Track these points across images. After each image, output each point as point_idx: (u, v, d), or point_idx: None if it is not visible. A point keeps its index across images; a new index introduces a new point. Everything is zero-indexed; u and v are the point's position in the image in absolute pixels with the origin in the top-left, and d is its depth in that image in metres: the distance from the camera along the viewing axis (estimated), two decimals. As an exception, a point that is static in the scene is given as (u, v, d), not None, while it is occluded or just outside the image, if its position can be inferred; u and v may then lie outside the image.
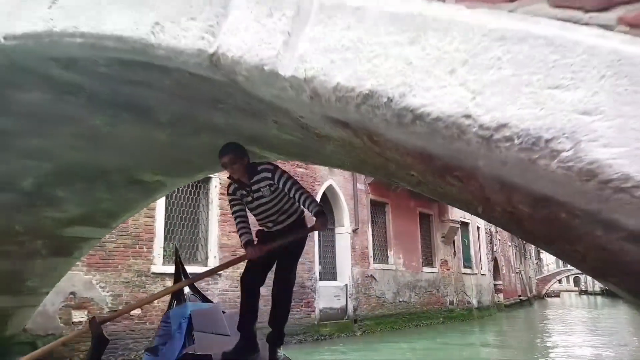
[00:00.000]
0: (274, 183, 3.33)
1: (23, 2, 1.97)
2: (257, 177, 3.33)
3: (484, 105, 0.95)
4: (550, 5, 0.97)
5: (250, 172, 3.32)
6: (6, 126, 3.31)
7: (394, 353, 9.46)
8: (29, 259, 5.45)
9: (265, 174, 3.33)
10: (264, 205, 3.41)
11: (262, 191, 3.36)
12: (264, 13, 1.29)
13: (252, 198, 3.39)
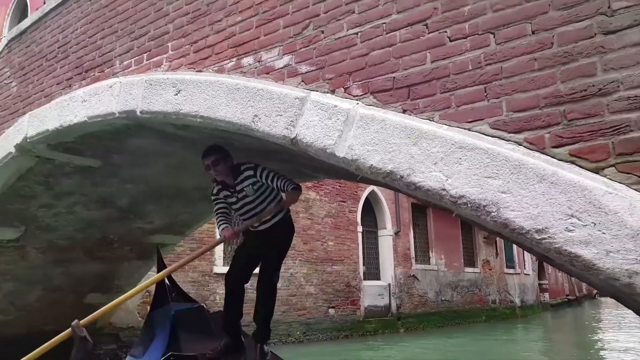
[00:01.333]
0: (257, 180, 3.32)
1: (155, 89, 2.85)
2: (240, 177, 3.34)
3: (452, 184, 1.71)
4: (489, 127, 1.71)
5: (235, 173, 3.34)
6: (117, 161, 4.26)
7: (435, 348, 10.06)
8: (119, 262, 6.50)
9: (247, 172, 3.32)
10: (248, 205, 3.42)
11: (246, 190, 3.36)
12: (326, 117, 2.09)
13: (237, 198, 3.41)
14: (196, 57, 2.76)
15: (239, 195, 3.39)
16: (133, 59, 3.13)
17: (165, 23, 2.97)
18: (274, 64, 2.39)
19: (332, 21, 2.21)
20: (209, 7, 2.75)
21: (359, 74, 2.08)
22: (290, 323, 10.13)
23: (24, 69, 4.11)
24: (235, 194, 3.40)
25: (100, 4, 3.48)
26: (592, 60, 1.55)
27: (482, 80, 1.75)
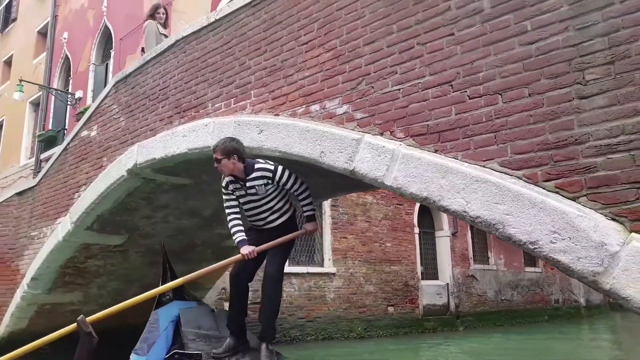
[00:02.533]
0: (272, 183, 3.36)
1: (242, 129, 3.60)
2: (254, 175, 3.36)
3: (471, 208, 2.31)
4: (498, 165, 2.30)
5: (248, 169, 3.36)
6: (205, 179, 5.08)
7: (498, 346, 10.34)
8: (200, 263, 7.38)
9: (264, 173, 3.34)
10: (254, 202, 3.45)
11: (257, 188, 3.38)
12: (376, 154, 2.74)
13: (245, 193, 3.43)
14: (274, 103, 3.49)
15: (248, 191, 3.41)
16: (222, 102, 3.91)
17: (248, 75, 3.73)
18: (335, 111, 3.06)
19: (379, 79, 2.85)
20: (283, 64, 3.47)
21: (401, 121, 2.71)
22: (351, 320, 10.79)
23: (130, 107, 5.02)
24: (244, 189, 3.41)
25: (194, 56, 4.29)
26: (570, 118, 2.11)
27: (492, 129, 2.35)
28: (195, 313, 3.98)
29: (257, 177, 3.35)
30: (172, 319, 3.81)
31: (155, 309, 4.08)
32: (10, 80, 16.25)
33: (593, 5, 2.09)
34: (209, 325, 3.87)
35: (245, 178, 3.37)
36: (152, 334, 3.71)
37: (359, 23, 3.02)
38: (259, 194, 3.41)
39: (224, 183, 3.51)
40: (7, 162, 15.32)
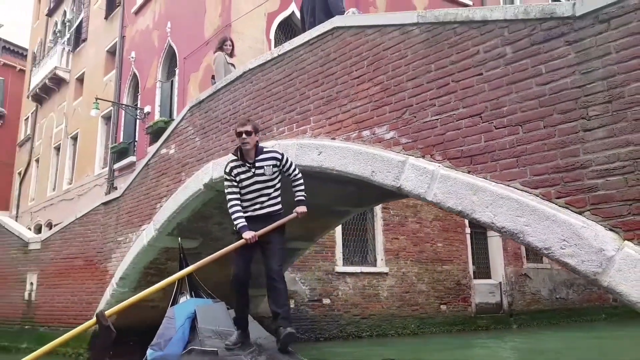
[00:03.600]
0: (278, 166, 3.63)
1: (304, 150, 4.22)
2: (263, 157, 3.61)
3: (497, 220, 2.81)
4: (520, 184, 2.78)
5: (258, 151, 3.61)
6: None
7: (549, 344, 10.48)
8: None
9: (274, 154, 3.64)
10: (260, 184, 3.60)
11: (265, 169, 3.59)
12: (419, 174, 3.28)
13: (253, 174, 3.59)
14: (330, 128, 4.09)
15: (256, 172, 3.59)
16: (286, 127, 4.55)
17: (307, 103, 4.35)
18: (383, 136, 3.63)
19: (420, 110, 3.39)
20: (338, 95, 4.06)
21: (439, 146, 3.24)
22: (405, 317, 11.25)
23: (204, 129, 5.77)
24: (253, 170, 3.59)
25: (259, 86, 4.96)
26: (577, 147, 2.58)
27: (514, 155, 2.84)
28: (211, 310, 4.02)
29: (267, 159, 3.60)
30: (188, 315, 3.85)
31: (171, 306, 4.24)
32: (83, 96, 17.74)
33: (594, 54, 2.56)
34: (225, 323, 3.89)
35: (254, 158, 3.59)
36: (169, 330, 3.78)
37: (403, 62, 3.56)
38: (266, 174, 3.59)
39: (228, 169, 3.66)
40: (83, 172, 16.76)
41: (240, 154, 3.64)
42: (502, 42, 2.97)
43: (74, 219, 8.79)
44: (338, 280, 10.76)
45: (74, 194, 16.79)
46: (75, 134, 17.88)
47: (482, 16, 3.08)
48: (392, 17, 3.81)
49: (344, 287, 10.76)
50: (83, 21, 18.52)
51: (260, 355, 3.44)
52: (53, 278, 8.76)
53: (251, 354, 3.44)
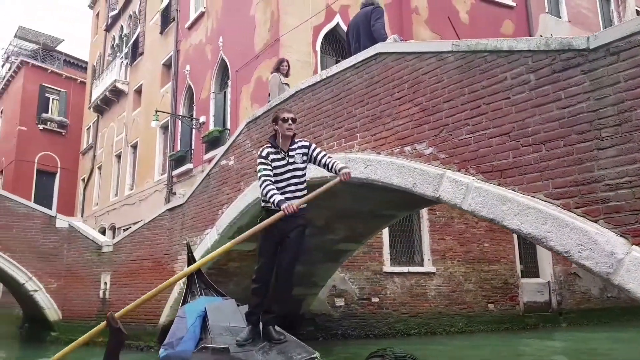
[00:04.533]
0: (307, 154, 3.82)
1: (351, 163, 4.72)
2: (295, 146, 3.83)
3: (524, 227, 3.21)
4: (543, 196, 3.17)
5: (292, 140, 3.85)
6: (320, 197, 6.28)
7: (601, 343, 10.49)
8: (314, 264, 8.69)
9: (303, 142, 3.89)
10: (293, 172, 3.79)
11: (296, 157, 3.80)
12: (455, 186, 3.72)
13: (287, 162, 3.78)
14: (375, 144, 4.57)
15: (289, 160, 3.79)
16: (335, 142, 5.07)
17: (354, 121, 4.85)
18: (423, 152, 4.08)
19: (456, 129, 3.83)
20: (381, 114, 4.54)
21: (473, 161, 3.67)
22: (452, 316, 11.53)
23: (261, 142, 6.36)
24: (287, 158, 3.78)
25: (310, 105, 5.51)
26: (592, 163, 2.96)
27: (538, 169, 3.24)
28: (222, 308, 4.04)
29: (298, 147, 3.83)
30: (199, 314, 3.88)
31: (182, 305, 4.27)
32: (141, 107, 18.92)
33: (606, 82, 2.93)
34: (235, 319, 3.90)
35: (288, 148, 3.81)
36: (180, 329, 3.79)
37: (439, 85, 4.01)
38: (297, 162, 3.79)
39: (265, 153, 3.80)
40: (143, 178, 17.89)
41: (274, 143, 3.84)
42: (527, 70, 3.37)
43: (142, 224, 9.65)
44: (386, 280, 11.17)
45: (135, 199, 17.96)
46: (135, 143, 19.07)
47: (509, 46, 3.48)
48: (429, 45, 4.26)
49: (392, 287, 11.17)
50: (139, 36, 19.72)
51: (271, 350, 3.43)
52: (124, 278, 9.64)
53: (262, 349, 3.44)
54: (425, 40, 12.73)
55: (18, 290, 11.11)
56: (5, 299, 22.22)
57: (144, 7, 19.61)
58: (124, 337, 3.06)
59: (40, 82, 27.93)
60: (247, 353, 3.38)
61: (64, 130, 28.21)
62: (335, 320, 10.35)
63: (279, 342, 3.53)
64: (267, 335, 3.60)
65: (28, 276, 10.27)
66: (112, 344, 3.05)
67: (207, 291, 4.60)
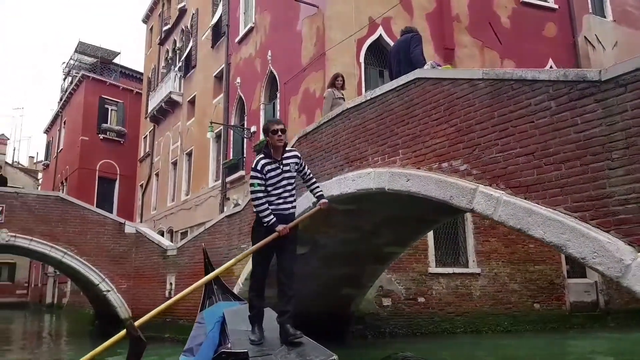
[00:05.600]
0: (298, 164, 4.08)
1: (394, 177, 5.27)
2: (288, 155, 3.99)
3: (547, 236, 3.66)
4: (563, 209, 3.62)
5: (283, 149, 3.98)
6: (365, 205, 6.85)
7: None
8: (362, 266, 9.26)
9: (295, 152, 4.09)
10: (287, 179, 3.93)
11: (290, 166, 3.96)
12: (487, 199, 4.20)
13: (281, 170, 3.90)
14: (416, 160, 5.10)
15: (284, 168, 3.94)
16: (379, 157, 5.63)
17: (396, 139, 5.40)
18: (458, 168, 4.59)
19: (487, 148, 4.32)
20: (421, 133, 5.07)
21: (502, 177, 4.15)
22: (498, 315, 11.81)
23: (310, 156, 7.00)
24: (281, 167, 3.92)
25: (356, 123, 6.09)
26: (604, 181, 3.40)
27: (559, 186, 3.70)
28: (240, 313, 4.05)
29: (291, 157, 4.00)
30: (217, 319, 3.94)
31: (200, 311, 4.34)
32: (195, 117, 20.03)
33: (616, 110, 3.37)
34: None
35: (281, 157, 3.92)
36: (199, 335, 3.85)
37: (472, 109, 4.50)
38: (291, 171, 3.94)
39: (259, 166, 3.86)
40: (198, 185, 18.97)
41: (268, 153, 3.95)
42: (548, 98, 3.83)
43: (203, 229, 10.50)
44: (432, 281, 11.60)
45: (191, 204, 19.06)
46: (189, 151, 20.21)
47: (532, 76, 3.95)
48: (462, 72, 4.76)
49: (438, 287, 11.59)
50: (192, 50, 20.85)
51: (289, 354, 3.44)
52: (187, 279, 10.52)
53: (280, 353, 3.46)
54: (467, 46, 13.08)
55: (92, 290, 12.27)
56: (73, 299, 23.99)
57: (195, 21, 20.73)
58: (143, 346, 2.97)
59: (100, 94, 29.84)
60: (266, 357, 3.36)
61: (122, 139, 30.00)
62: (383, 319, 10.88)
63: (296, 338, 3.56)
64: (285, 334, 3.65)
65: (101, 277, 11.37)
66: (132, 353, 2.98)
67: (225, 296, 4.65)
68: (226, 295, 4.75)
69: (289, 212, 3.98)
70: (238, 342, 3.56)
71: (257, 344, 3.60)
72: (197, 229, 17.07)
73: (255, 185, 3.82)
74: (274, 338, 3.66)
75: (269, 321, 3.82)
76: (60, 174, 31.57)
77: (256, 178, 3.83)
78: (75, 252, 11.19)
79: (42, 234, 11.13)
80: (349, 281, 9.55)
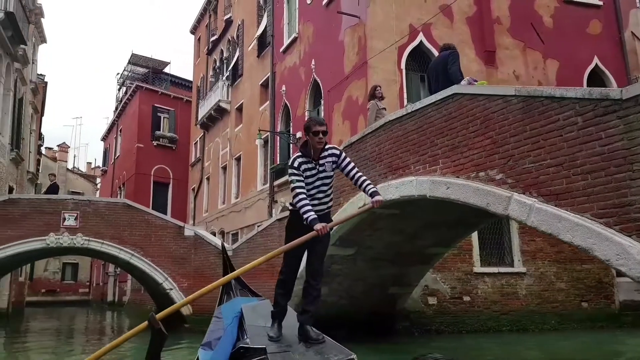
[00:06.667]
0: (337, 162, 3.74)
1: (435, 185, 5.70)
2: (325, 154, 3.72)
3: (575, 239, 4.03)
4: (590, 215, 3.97)
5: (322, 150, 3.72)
6: (408, 210, 7.29)
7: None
8: (407, 266, 9.69)
9: (333, 151, 3.75)
10: (322, 179, 3.72)
11: (326, 165, 3.71)
12: (521, 206, 4.59)
13: (317, 171, 3.70)
14: (455, 169, 5.53)
15: (320, 168, 3.72)
16: (420, 166, 6.08)
17: (436, 149, 5.83)
18: (494, 177, 4.99)
19: (520, 159, 4.70)
20: (459, 144, 5.49)
21: (535, 186, 4.54)
22: (544, 313, 11.93)
23: (358, 165, 7.50)
24: (317, 167, 3.71)
25: (398, 134, 6.56)
26: (626, 191, 3.75)
27: (585, 194, 4.06)
28: (257, 308, 4.07)
29: (329, 155, 3.74)
30: (235, 314, 3.91)
31: (218, 306, 4.34)
32: (243, 124, 20.90)
33: (636, 126, 3.71)
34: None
35: (318, 157, 3.72)
36: (217, 330, 3.82)
37: (506, 122, 4.90)
38: (327, 170, 3.73)
39: (296, 163, 3.70)
40: (247, 188, 19.81)
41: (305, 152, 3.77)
42: (575, 114, 4.20)
43: (255, 232, 11.20)
44: (477, 280, 11.86)
45: (241, 207, 19.94)
46: (238, 156, 21.11)
47: (560, 94, 4.32)
48: (496, 89, 5.16)
49: (483, 286, 11.83)
50: (239, 59, 21.75)
51: (307, 352, 3.42)
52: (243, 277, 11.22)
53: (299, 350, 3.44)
54: (508, 48, 13.23)
55: (156, 288, 13.22)
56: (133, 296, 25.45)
57: (241, 32, 21.61)
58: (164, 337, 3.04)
59: (153, 103, 31.35)
60: (284, 354, 3.33)
61: (174, 145, 31.40)
62: (429, 317, 11.25)
63: (317, 341, 3.47)
64: (305, 335, 3.56)
65: (164, 277, 12.28)
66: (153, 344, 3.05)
67: (243, 292, 4.67)
68: (244, 291, 4.73)
69: (323, 213, 3.79)
70: (256, 338, 3.53)
71: (275, 340, 3.54)
72: (247, 230, 17.93)
73: (295, 182, 3.70)
74: (292, 335, 3.62)
75: (287, 318, 3.77)
76: (118, 179, 33.38)
77: (294, 175, 3.71)
78: (141, 254, 12.16)
79: (112, 238, 12.16)
80: (395, 281, 10.01)
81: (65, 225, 12.15)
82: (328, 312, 9.58)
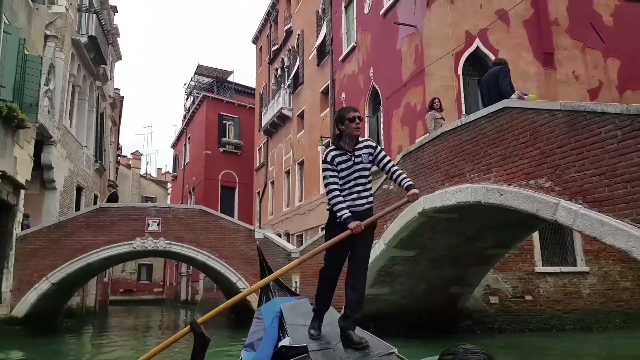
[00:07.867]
0: (372, 154, 3.53)
1: (489, 192, 6.20)
2: (360, 145, 3.54)
3: (615, 242, 4.45)
4: (630, 220, 4.38)
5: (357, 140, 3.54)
6: (466, 214, 7.76)
7: None
8: (467, 267, 10.10)
9: (369, 142, 3.58)
10: (360, 171, 3.52)
11: (363, 157, 3.52)
12: (567, 212, 5.03)
13: (353, 162, 3.51)
14: (507, 177, 6.00)
15: (356, 160, 3.53)
16: (475, 174, 6.58)
17: (489, 158, 6.32)
18: (543, 185, 5.43)
19: (566, 169, 5.14)
20: (510, 154, 5.96)
21: (580, 194, 4.96)
22: (608, 312, 11.91)
23: (414, 172, 8.08)
24: (353, 158, 3.52)
25: (454, 143, 7.07)
26: (661, 198, 4.15)
27: (626, 201, 4.47)
28: (296, 307, 4.07)
29: (364, 147, 3.55)
30: (275, 314, 3.93)
31: (258, 306, 4.37)
32: (304, 130, 21.81)
33: (669, 140, 4.11)
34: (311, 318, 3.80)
35: (353, 148, 3.53)
36: (259, 330, 3.84)
37: (553, 135, 5.34)
38: (364, 162, 3.53)
39: (329, 158, 3.53)
40: (310, 191, 20.68)
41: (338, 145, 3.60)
42: (615, 127, 4.61)
43: (320, 235, 11.95)
44: (538, 279, 12.02)
45: (304, 210, 20.83)
46: (300, 161, 22.03)
47: (602, 109, 4.74)
48: (543, 104, 5.59)
49: (545, 285, 11.98)
50: (299, 68, 22.70)
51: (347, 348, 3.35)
52: (309, 278, 12.03)
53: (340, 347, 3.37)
54: (567, 49, 13.26)
55: (229, 287, 14.30)
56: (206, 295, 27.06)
57: (301, 42, 22.54)
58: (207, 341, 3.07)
59: (219, 111, 33.08)
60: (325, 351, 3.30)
61: (239, 150, 32.97)
62: (491, 315, 11.55)
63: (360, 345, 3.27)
64: (347, 340, 3.35)
65: (238, 277, 13.32)
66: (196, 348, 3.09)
67: (281, 292, 4.69)
68: (282, 291, 4.72)
69: (364, 207, 3.52)
70: (297, 337, 3.48)
71: (316, 338, 3.45)
72: (312, 232, 18.77)
73: (328, 177, 3.50)
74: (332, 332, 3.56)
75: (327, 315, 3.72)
76: (187, 184, 35.40)
77: (327, 170, 3.52)
78: (217, 256, 13.27)
79: (190, 241, 13.35)
80: (456, 281, 10.44)
81: (149, 231, 13.46)
82: (390, 311, 10.20)
